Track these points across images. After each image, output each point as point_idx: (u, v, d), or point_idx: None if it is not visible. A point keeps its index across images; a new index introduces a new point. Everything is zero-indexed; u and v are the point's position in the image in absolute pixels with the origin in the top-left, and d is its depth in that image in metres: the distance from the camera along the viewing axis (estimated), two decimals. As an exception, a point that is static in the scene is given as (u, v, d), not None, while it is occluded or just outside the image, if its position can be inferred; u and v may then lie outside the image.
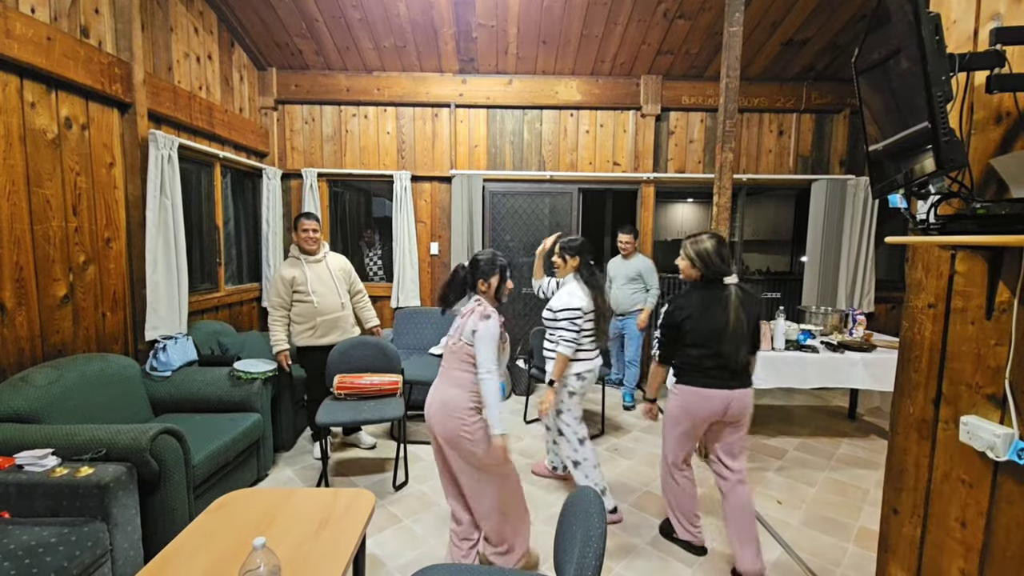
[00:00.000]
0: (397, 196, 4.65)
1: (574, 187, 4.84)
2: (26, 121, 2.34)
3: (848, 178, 4.74)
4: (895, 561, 1.59)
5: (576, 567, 1.14)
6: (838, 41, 4.24)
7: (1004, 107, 1.20)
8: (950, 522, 1.38)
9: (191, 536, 1.57)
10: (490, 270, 2.10)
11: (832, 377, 3.30)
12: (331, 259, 3.27)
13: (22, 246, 2.32)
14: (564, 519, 1.45)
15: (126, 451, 1.96)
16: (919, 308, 1.50)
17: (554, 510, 2.69)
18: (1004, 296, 1.22)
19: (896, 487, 1.59)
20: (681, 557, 2.35)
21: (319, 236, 3.20)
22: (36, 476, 1.79)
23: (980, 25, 1.28)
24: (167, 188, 3.07)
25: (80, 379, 2.37)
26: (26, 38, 2.27)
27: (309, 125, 4.74)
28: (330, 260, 3.26)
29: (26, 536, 1.64)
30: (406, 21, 4.04)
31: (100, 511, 1.78)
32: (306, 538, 1.56)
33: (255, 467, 2.88)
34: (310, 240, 3.14)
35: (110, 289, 2.87)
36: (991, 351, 1.25)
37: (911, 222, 1.33)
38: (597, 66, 4.58)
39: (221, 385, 2.87)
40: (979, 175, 1.26)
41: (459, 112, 4.74)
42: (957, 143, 0.96)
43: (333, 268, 3.23)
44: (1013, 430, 1.18)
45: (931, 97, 0.93)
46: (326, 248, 3.29)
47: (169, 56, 3.37)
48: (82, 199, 2.67)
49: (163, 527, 2.07)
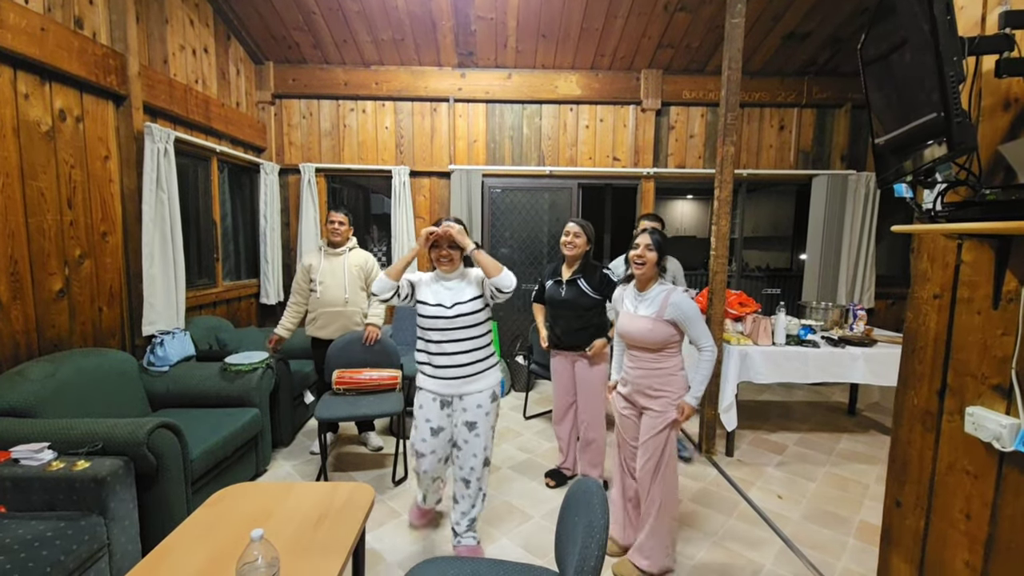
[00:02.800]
0: (396, 191, 4.63)
1: (573, 182, 4.82)
2: (20, 113, 2.31)
3: (849, 173, 4.73)
4: (898, 553, 1.58)
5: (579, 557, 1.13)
6: (840, 35, 4.22)
7: (1012, 93, 1.19)
8: (954, 514, 1.37)
9: (189, 530, 1.55)
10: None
11: (832, 372, 3.29)
12: (353, 255, 3.24)
13: (17, 239, 2.30)
14: (566, 510, 1.44)
15: (123, 445, 1.94)
16: (924, 298, 1.48)
17: (553, 505, 2.69)
18: (1011, 285, 1.21)
19: (899, 479, 1.58)
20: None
21: (344, 229, 3.19)
22: (32, 470, 1.77)
23: (988, 11, 1.26)
24: (163, 182, 3.04)
25: (77, 373, 2.35)
26: (19, 28, 2.25)
27: (307, 120, 4.71)
28: (351, 256, 3.23)
29: (22, 530, 1.62)
30: (404, 14, 4.01)
31: (97, 505, 1.76)
32: (305, 532, 1.55)
33: (254, 462, 2.87)
34: (335, 232, 3.15)
35: (106, 283, 2.84)
36: (997, 341, 1.24)
37: (917, 211, 1.31)
38: (597, 60, 4.55)
39: (218, 380, 2.85)
40: (986, 162, 1.24)
41: (458, 106, 4.71)
42: (969, 125, 0.94)
43: (350, 264, 3.21)
44: (1019, 420, 1.17)
45: (943, 77, 0.91)
46: (353, 243, 3.27)
47: (164, 48, 3.34)
48: (77, 192, 2.64)
49: (161, 521, 2.05)
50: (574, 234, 2.70)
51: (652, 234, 2.13)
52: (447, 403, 2.20)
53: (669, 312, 2.06)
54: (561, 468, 2.98)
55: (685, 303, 2.06)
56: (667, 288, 2.12)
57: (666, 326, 2.07)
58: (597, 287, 2.68)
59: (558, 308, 2.77)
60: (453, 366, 2.14)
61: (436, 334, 2.13)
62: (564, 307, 2.74)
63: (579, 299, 2.69)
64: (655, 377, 2.11)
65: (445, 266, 2.18)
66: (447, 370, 2.14)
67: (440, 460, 2.24)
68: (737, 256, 5.18)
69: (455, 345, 2.13)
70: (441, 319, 2.12)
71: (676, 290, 2.10)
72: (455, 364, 2.14)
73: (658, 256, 2.11)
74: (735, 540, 2.43)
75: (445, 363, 2.14)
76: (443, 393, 2.17)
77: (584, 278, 2.71)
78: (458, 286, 2.19)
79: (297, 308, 3.17)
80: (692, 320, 2.06)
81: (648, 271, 2.13)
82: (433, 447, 2.20)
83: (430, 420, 2.18)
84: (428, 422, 2.18)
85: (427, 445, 2.20)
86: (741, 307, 3.64)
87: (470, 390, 2.17)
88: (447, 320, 2.11)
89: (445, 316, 2.12)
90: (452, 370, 2.14)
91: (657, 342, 2.09)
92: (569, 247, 2.71)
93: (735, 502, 2.78)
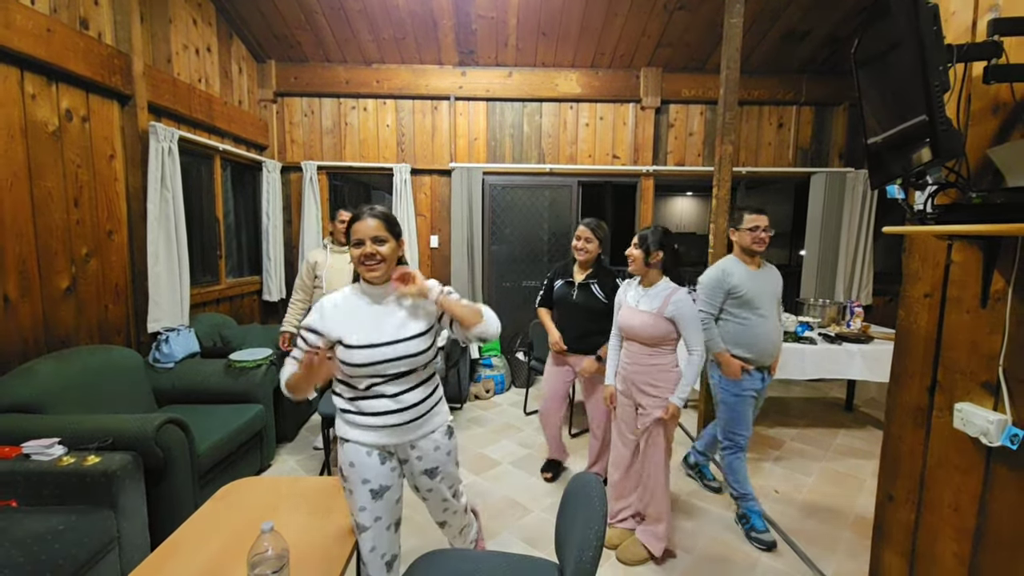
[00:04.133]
0: (397, 189, 4.65)
1: (574, 180, 4.85)
2: (27, 113, 2.34)
3: (847, 171, 4.75)
4: (889, 546, 1.62)
5: (578, 548, 1.17)
6: (838, 33, 4.24)
7: (1001, 98, 1.22)
8: (944, 507, 1.41)
9: (197, 523, 1.59)
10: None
11: (830, 368, 3.33)
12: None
13: (25, 238, 2.33)
14: (566, 504, 1.48)
15: (132, 440, 1.98)
16: (915, 297, 1.52)
17: (552, 500, 2.73)
18: (999, 285, 1.24)
19: (891, 474, 1.61)
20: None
21: None
22: (44, 465, 1.81)
23: (979, 16, 1.29)
24: (168, 180, 3.07)
25: (84, 370, 2.38)
26: (26, 29, 2.27)
27: (308, 118, 4.73)
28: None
29: (35, 524, 1.66)
30: (405, 12, 4.02)
31: (107, 499, 1.80)
32: (310, 525, 1.59)
33: (258, 457, 2.91)
34: (344, 232, 3.17)
35: (112, 281, 2.88)
36: (985, 339, 1.27)
37: (908, 212, 1.34)
38: (597, 58, 4.57)
39: (223, 377, 2.90)
40: (975, 165, 1.27)
41: (459, 105, 4.73)
42: (955, 133, 0.98)
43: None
44: (1006, 416, 1.20)
45: (929, 87, 0.94)
46: None
47: (168, 48, 3.36)
48: (83, 191, 2.67)
49: (169, 515, 2.09)
50: (585, 239, 2.61)
51: (642, 233, 2.21)
52: (389, 455, 1.61)
53: (670, 310, 2.10)
54: (552, 458, 3.03)
55: (685, 304, 2.11)
56: (672, 286, 2.17)
57: (665, 323, 2.12)
58: (611, 293, 2.56)
59: (569, 311, 2.70)
60: (396, 410, 1.55)
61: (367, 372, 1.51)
62: (575, 310, 2.67)
63: (592, 303, 2.61)
64: (649, 373, 2.17)
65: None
66: (388, 416, 1.54)
67: (390, 527, 1.59)
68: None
69: (397, 384, 1.55)
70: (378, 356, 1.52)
71: (681, 290, 2.15)
72: (400, 408, 1.55)
73: (644, 253, 2.17)
74: (732, 534, 2.47)
75: (384, 408, 1.54)
76: (384, 444, 1.58)
77: (598, 283, 2.63)
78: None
79: (302, 305, 3.21)
80: (688, 321, 2.11)
81: (637, 268, 2.20)
82: (377, 513, 1.55)
83: (368, 480, 1.54)
84: (366, 483, 1.54)
85: (368, 514, 1.54)
86: (739, 304, 3.67)
87: (421, 433, 1.62)
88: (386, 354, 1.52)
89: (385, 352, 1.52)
90: (395, 415, 1.55)
91: (654, 337, 2.14)
92: (581, 253, 2.62)
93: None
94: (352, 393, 1.55)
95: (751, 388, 2.47)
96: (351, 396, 1.55)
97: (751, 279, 2.44)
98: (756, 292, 2.42)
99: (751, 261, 2.49)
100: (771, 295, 2.47)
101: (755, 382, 2.48)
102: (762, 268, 2.51)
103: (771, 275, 2.52)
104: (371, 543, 1.54)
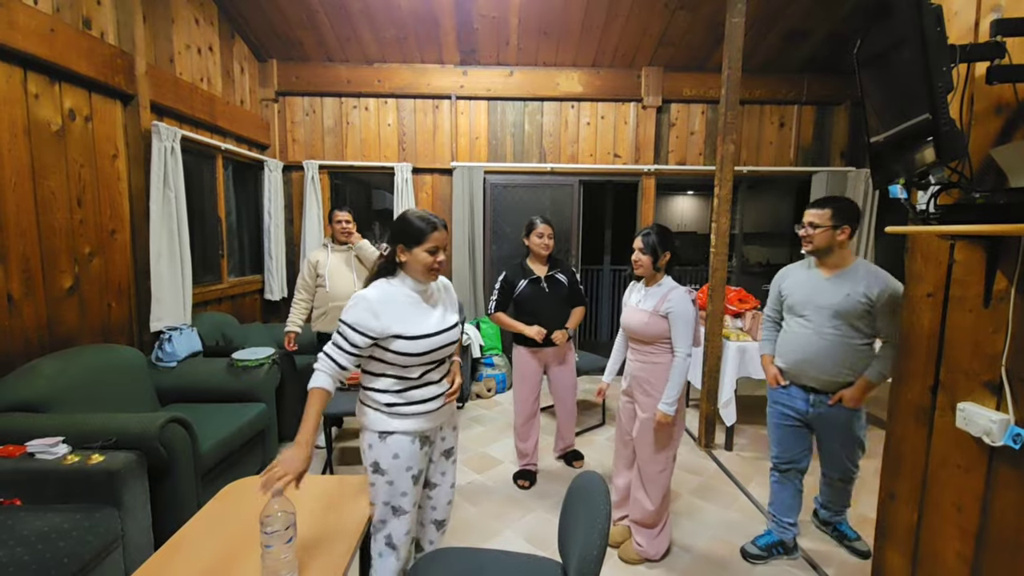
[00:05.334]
0: (398, 188, 4.66)
1: (575, 179, 4.85)
2: (30, 113, 2.35)
3: (849, 170, 4.75)
4: (892, 546, 1.62)
5: (581, 547, 1.17)
6: (839, 33, 4.23)
7: (1004, 98, 1.22)
8: (947, 507, 1.41)
9: (200, 522, 1.59)
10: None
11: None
12: (359, 248, 3.27)
13: (28, 238, 2.34)
14: (569, 502, 1.48)
15: (136, 439, 1.98)
16: (918, 297, 1.52)
17: (553, 500, 2.73)
18: (1002, 285, 1.24)
19: (893, 473, 1.61)
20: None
21: (352, 227, 3.24)
22: (48, 464, 1.82)
23: (981, 17, 1.29)
24: (170, 180, 3.08)
25: (87, 369, 2.39)
26: (29, 29, 2.27)
27: (310, 117, 4.73)
28: (362, 251, 3.26)
29: (39, 522, 1.66)
30: (407, 12, 4.02)
31: (111, 498, 1.81)
32: (313, 523, 1.59)
33: (261, 456, 2.91)
34: (344, 232, 3.20)
35: (115, 280, 2.89)
36: (988, 339, 1.28)
37: (911, 212, 1.34)
38: (598, 57, 4.57)
39: (226, 375, 2.90)
40: (978, 165, 1.27)
41: (460, 104, 4.73)
42: (957, 133, 0.98)
43: (361, 259, 3.26)
44: (1009, 416, 1.20)
45: (932, 87, 0.95)
46: (356, 236, 3.31)
47: (170, 47, 3.36)
48: (86, 191, 2.68)
49: (172, 514, 2.10)
50: (548, 235, 2.85)
51: (646, 235, 2.19)
52: (424, 440, 1.71)
53: (665, 306, 2.12)
54: (526, 467, 3.03)
55: (679, 303, 2.11)
56: (672, 284, 2.18)
57: (661, 321, 2.13)
58: (572, 277, 2.95)
59: (541, 305, 2.85)
60: (440, 394, 1.72)
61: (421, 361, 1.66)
62: (549, 301, 2.85)
63: (561, 291, 2.90)
64: (649, 371, 2.18)
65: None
66: (435, 401, 1.70)
67: (416, 509, 1.73)
68: (737, 252, 5.21)
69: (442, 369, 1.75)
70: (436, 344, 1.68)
71: (679, 289, 2.15)
72: (443, 392, 1.73)
73: (652, 258, 2.17)
74: (734, 533, 2.48)
75: (433, 393, 1.70)
76: (426, 429, 1.70)
77: (561, 271, 2.93)
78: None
79: (304, 304, 3.22)
80: (678, 320, 2.10)
81: (646, 272, 2.21)
82: (415, 498, 1.69)
83: (411, 467, 1.65)
84: (409, 470, 1.65)
85: (409, 499, 1.65)
86: (740, 303, 3.67)
87: (450, 412, 1.81)
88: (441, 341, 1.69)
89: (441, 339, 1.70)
90: (439, 400, 1.71)
91: (652, 335, 2.15)
92: (545, 248, 2.85)
93: (734, 496, 2.83)
94: (403, 385, 1.65)
95: (787, 405, 2.22)
96: (401, 388, 1.65)
97: (803, 284, 2.17)
98: (803, 298, 2.14)
99: (822, 264, 2.13)
100: (827, 307, 2.06)
101: (794, 400, 2.19)
102: (835, 275, 2.08)
103: (840, 286, 2.05)
104: (408, 526, 1.66)
